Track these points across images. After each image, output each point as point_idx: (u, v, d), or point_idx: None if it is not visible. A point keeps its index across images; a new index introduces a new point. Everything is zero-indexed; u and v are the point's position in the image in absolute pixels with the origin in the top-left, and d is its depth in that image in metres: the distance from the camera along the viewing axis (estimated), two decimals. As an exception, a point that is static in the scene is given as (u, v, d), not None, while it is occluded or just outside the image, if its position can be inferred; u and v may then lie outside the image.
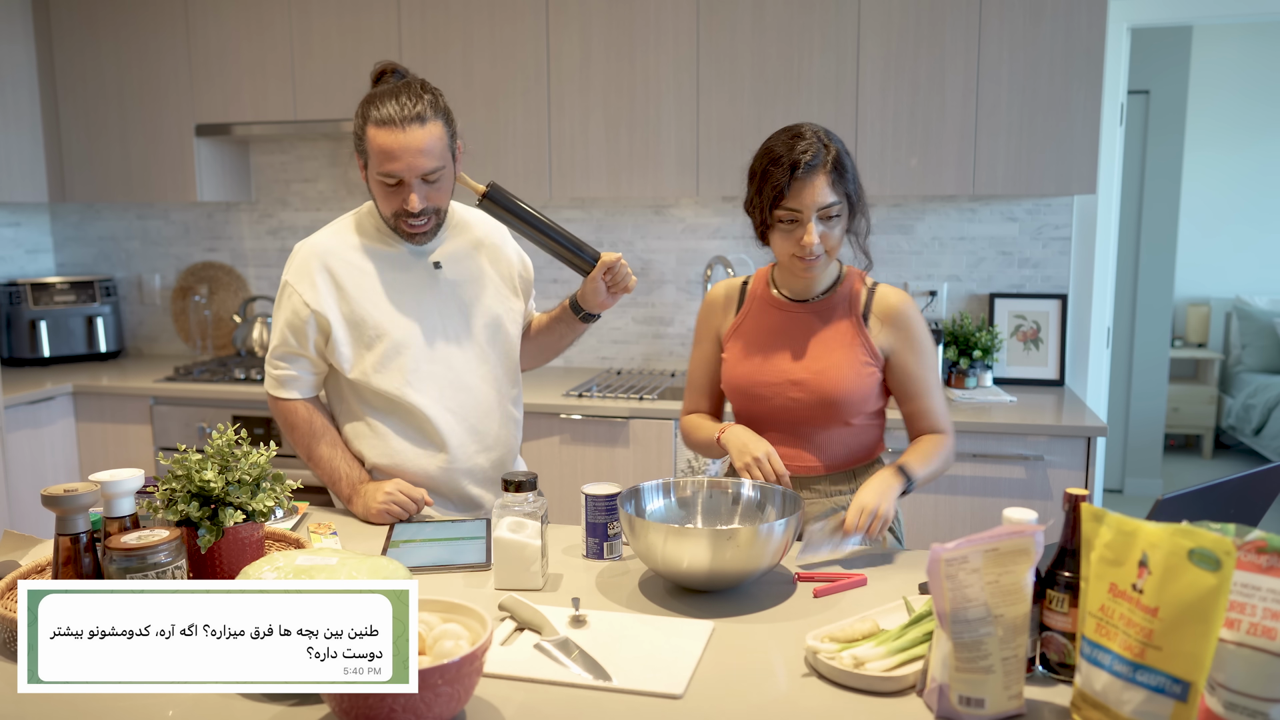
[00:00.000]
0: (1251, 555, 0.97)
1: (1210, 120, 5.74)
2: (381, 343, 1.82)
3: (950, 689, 1.07)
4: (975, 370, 3.10)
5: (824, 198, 1.60)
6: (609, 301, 1.91)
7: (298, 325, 1.81)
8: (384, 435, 1.86)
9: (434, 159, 1.71)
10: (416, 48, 3.22)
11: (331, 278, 1.81)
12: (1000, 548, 1.06)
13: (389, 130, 1.68)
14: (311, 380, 1.88)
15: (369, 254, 1.84)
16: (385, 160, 1.70)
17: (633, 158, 3.10)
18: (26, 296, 3.64)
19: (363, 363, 1.83)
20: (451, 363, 1.87)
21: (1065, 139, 2.82)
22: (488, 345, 1.92)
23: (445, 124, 1.75)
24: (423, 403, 1.84)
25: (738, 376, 1.76)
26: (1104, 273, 3.26)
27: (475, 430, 1.90)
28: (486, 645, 1.05)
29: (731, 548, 1.35)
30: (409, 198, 1.72)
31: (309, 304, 1.80)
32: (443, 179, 1.76)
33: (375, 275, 1.83)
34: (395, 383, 1.82)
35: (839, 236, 1.66)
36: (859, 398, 1.69)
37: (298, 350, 1.84)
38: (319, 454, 1.87)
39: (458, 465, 1.89)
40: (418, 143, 1.68)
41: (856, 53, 2.92)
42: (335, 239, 1.85)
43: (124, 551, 1.27)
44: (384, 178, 1.72)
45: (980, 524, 2.70)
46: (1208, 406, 5.77)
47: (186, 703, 1.13)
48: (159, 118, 3.48)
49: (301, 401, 1.88)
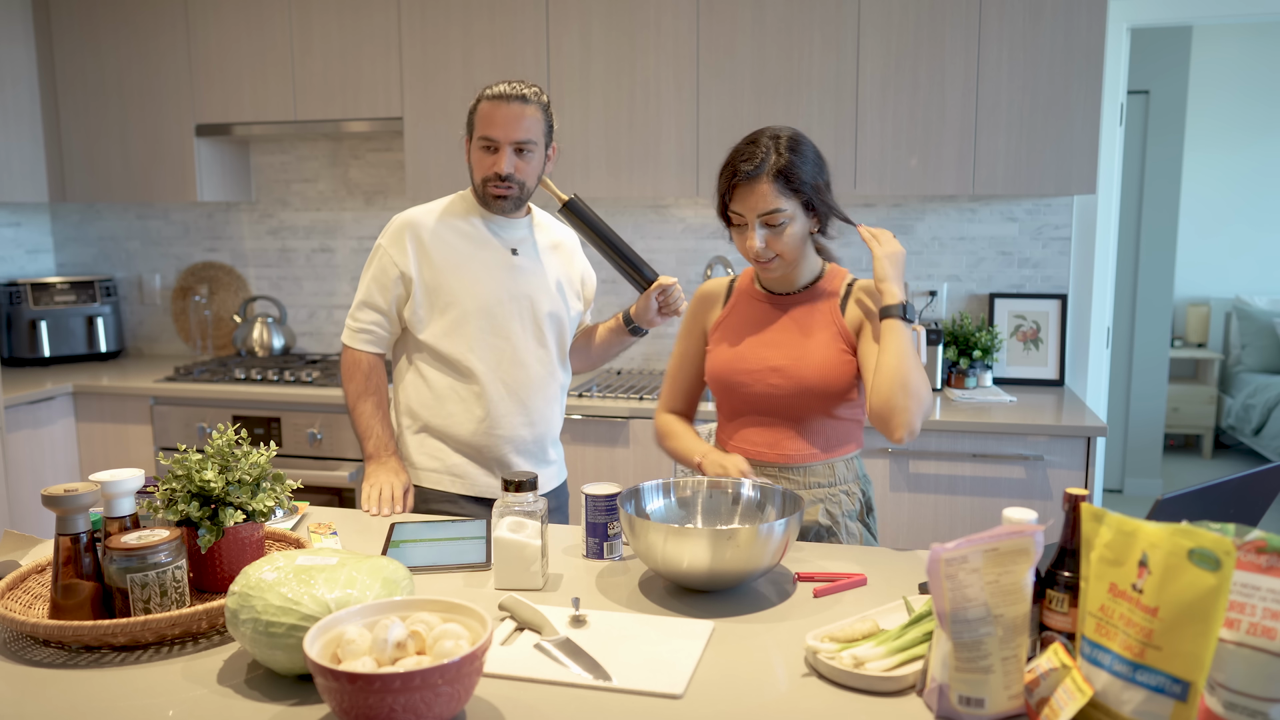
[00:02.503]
0: (1251, 555, 0.97)
1: (1210, 120, 5.74)
2: (454, 309, 2.01)
3: (950, 689, 1.07)
4: (975, 370, 3.10)
5: (765, 204, 1.64)
6: (658, 320, 2.07)
7: (384, 282, 2.02)
8: (438, 391, 2.04)
9: (527, 132, 1.95)
10: (416, 48, 3.22)
11: (419, 244, 2.01)
12: (1000, 548, 1.06)
13: (495, 101, 1.94)
14: (385, 337, 2.07)
15: (456, 230, 2.04)
16: (486, 125, 1.94)
17: (633, 158, 3.11)
18: (27, 296, 3.64)
19: (434, 326, 2.01)
20: (512, 339, 2.04)
21: (1065, 139, 2.82)
22: (547, 331, 2.09)
23: (544, 114, 1.98)
24: (480, 370, 2.02)
25: (720, 366, 1.79)
26: (1104, 273, 3.26)
27: (523, 404, 2.06)
28: (486, 645, 1.05)
29: (731, 548, 1.35)
30: (500, 160, 1.94)
31: (397, 264, 2.00)
32: (532, 155, 1.98)
33: (458, 249, 2.02)
34: (460, 348, 2.01)
35: (791, 241, 1.68)
36: (836, 385, 1.71)
37: (379, 305, 2.03)
38: (363, 408, 2.04)
39: (499, 431, 2.04)
40: (516, 114, 1.93)
41: (856, 53, 2.92)
42: (428, 214, 2.05)
43: (124, 551, 1.27)
44: (482, 141, 1.96)
45: (980, 524, 2.70)
46: (1207, 406, 5.77)
47: (186, 703, 1.14)
48: (159, 118, 3.48)
49: (368, 354, 2.06)
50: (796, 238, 1.68)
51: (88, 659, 1.24)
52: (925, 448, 2.72)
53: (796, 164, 1.65)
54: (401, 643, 1.06)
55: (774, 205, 1.64)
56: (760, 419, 1.77)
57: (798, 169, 1.64)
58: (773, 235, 1.66)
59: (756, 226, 1.66)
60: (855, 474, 1.80)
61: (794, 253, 1.70)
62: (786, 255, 1.69)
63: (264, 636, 1.14)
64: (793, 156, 1.65)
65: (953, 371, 3.10)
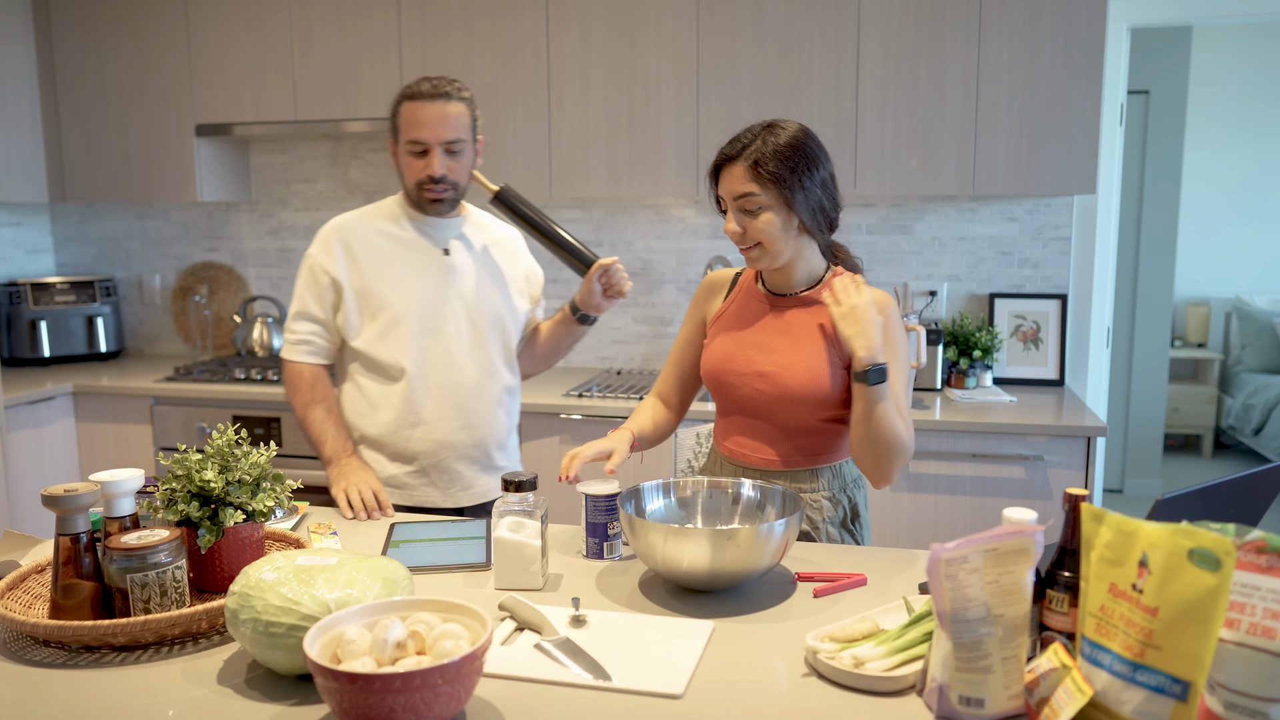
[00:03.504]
0: (1251, 555, 0.97)
1: (1210, 120, 5.74)
2: (385, 314, 1.97)
3: (950, 689, 1.07)
4: (975, 370, 3.10)
5: (738, 187, 1.64)
6: (605, 304, 2.05)
7: (318, 290, 1.99)
8: (372, 399, 2.01)
9: (456, 131, 1.93)
10: (416, 48, 3.22)
11: (347, 250, 1.99)
12: (1000, 548, 1.06)
13: (419, 102, 1.91)
14: (325, 347, 2.04)
15: (384, 234, 2.01)
16: (413, 127, 1.92)
17: (633, 158, 3.11)
18: (27, 296, 3.63)
19: (367, 332, 1.99)
20: (447, 341, 2.01)
21: (1065, 139, 2.82)
22: (486, 332, 2.05)
23: (469, 108, 1.96)
24: (413, 373, 1.99)
25: (712, 364, 1.78)
26: (1104, 273, 3.26)
27: (460, 408, 2.02)
28: (486, 645, 1.05)
29: (731, 548, 1.35)
30: (432, 163, 1.92)
31: (327, 270, 1.98)
32: (462, 154, 1.96)
33: (387, 253, 2.00)
34: (392, 353, 1.98)
35: (767, 230, 1.64)
36: (820, 396, 1.67)
37: (315, 315, 2.00)
38: (313, 415, 2.01)
39: (435, 436, 2.01)
40: (442, 113, 1.91)
41: (856, 53, 2.92)
42: (357, 219, 2.03)
43: (124, 551, 1.27)
44: (411, 145, 1.93)
45: (980, 524, 2.70)
46: (1207, 406, 5.77)
47: (186, 703, 1.14)
48: (159, 118, 3.48)
49: (309, 365, 2.02)
50: (773, 227, 1.64)
51: (88, 659, 1.24)
52: (925, 448, 2.72)
53: (776, 154, 1.61)
54: (401, 643, 1.06)
55: (745, 189, 1.63)
56: (747, 420, 1.75)
57: (774, 159, 1.61)
58: (748, 220, 1.65)
59: (733, 210, 1.66)
60: (843, 481, 1.76)
61: (774, 244, 1.66)
62: (767, 245, 1.66)
63: (264, 636, 1.14)
64: (776, 146, 1.61)
65: (953, 371, 3.10)
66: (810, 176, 1.64)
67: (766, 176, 1.62)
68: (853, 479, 1.78)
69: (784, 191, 1.62)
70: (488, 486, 2.10)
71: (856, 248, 3.22)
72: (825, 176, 1.67)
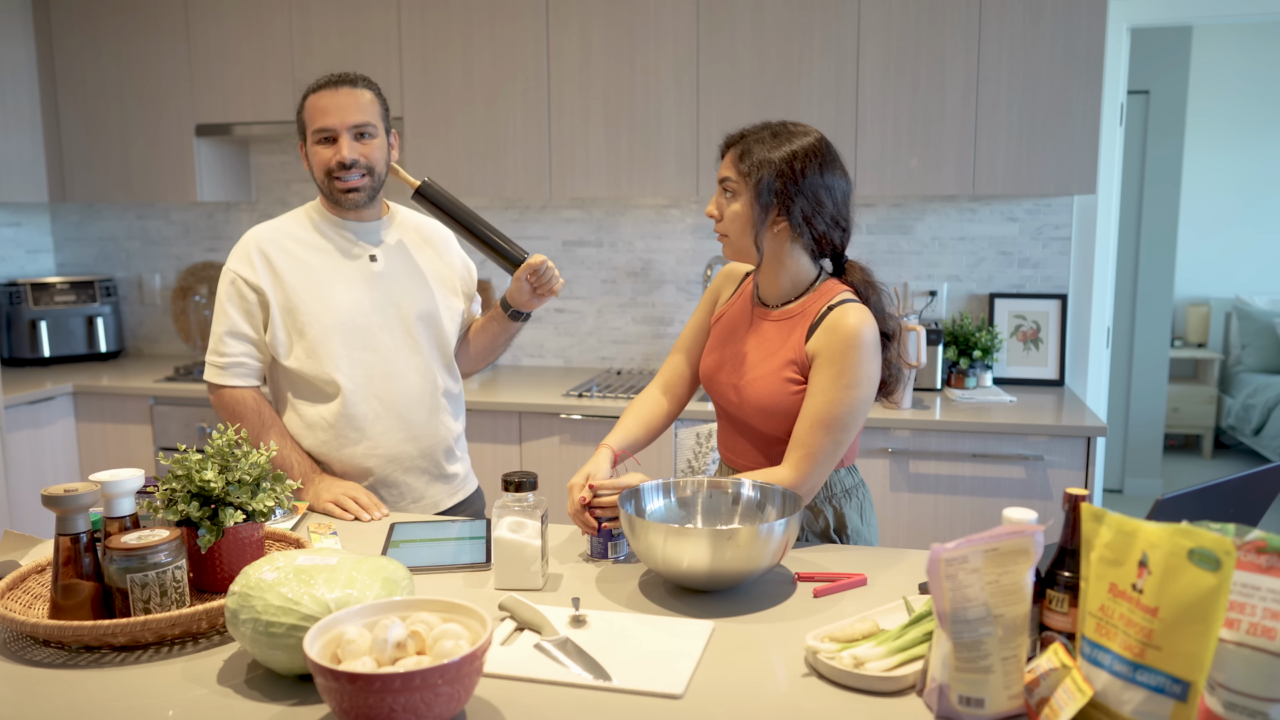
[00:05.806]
0: (1251, 555, 0.97)
1: (1210, 120, 5.74)
2: (312, 328, 1.87)
3: (950, 689, 1.07)
4: (975, 370, 3.10)
5: (723, 170, 1.65)
6: (535, 302, 1.96)
7: (247, 307, 1.88)
8: (309, 420, 1.91)
9: (364, 115, 1.84)
10: (416, 48, 3.22)
11: (268, 263, 1.89)
12: (1000, 548, 1.06)
13: (321, 92, 1.85)
14: (257, 369, 1.92)
15: (305, 244, 1.92)
16: (319, 116, 1.84)
17: (633, 158, 3.11)
18: (27, 296, 3.64)
19: (296, 349, 1.88)
20: (381, 351, 1.92)
21: (1065, 139, 2.82)
22: (421, 337, 1.96)
23: (377, 96, 1.89)
24: (349, 389, 1.89)
25: (703, 370, 1.79)
26: (1104, 273, 3.26)
27: (402, 419, 1.94)
28: (486, 645, 1.05)
29: (731, 548, 1.35)
30: (340, 147, 1.83)
31: (252, 285, 1.87)
32: (374, 139, 1.87)
33: (309, 264, 1.90)
34: (325, 369, 1.88)
35: (733, 221, 1.62)
36: (780, 417, 1.64)
37: (246, 334, 1.89)
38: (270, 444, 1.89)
39: (381, 451, 1.92)
40: (348, 99, 1.83)
41: (856, 53, 2.92)
42: (274, 230, 1.93)
43: (124, 551, 1.27)
44: (316, 134, 1.85)
45: (980, 524, 2.70)
46: (1207, 406, 5.77)
47: (186, 703, 1.14)
48: (159, 118, 3.48)
49: (248, 390, 1.91)
50: (740, 219, 1.61)
51: (88, 659, 1.24)
52: (925, 448, 2.72)
53: (761, 149, 1.59)
54: (401, 643, 1.06)
55: (725, 173, 1.64)
56: (731, 426, 1.76)
57: (757, 153, 1.59)
58: (722, 202, 1.65)
59: (718, 191, 1.67)
60: (829, 492, 1.71)
61: (738, 236, 1.63)
62: (731, 236, 1.64)
63: (264, 636, 1.14)
64: (773, 144, 1.59)
65: (953, 371, 3.10)
66: (799, 183, 1.58)
67: (746, 168, 1.60)
68: (842, 490, 1.73)
69: (759, 188, 1.58)
70: (440, 495, 2.02)
71: (856, 247, 3.22)
72: (823, 190, 1.59)
